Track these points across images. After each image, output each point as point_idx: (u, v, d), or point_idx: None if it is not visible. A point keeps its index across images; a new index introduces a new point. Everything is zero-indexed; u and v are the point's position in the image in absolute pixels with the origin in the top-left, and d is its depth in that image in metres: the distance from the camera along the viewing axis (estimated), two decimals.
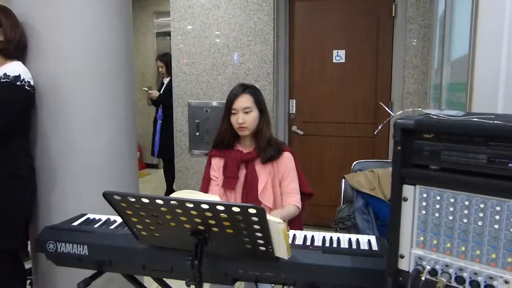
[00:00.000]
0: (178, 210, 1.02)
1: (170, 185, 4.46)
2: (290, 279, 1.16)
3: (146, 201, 1.03)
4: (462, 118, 0.86)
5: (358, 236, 1.34)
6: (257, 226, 1.01)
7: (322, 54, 3.57)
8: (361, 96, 3.52)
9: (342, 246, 1.25)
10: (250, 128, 1.77)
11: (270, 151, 1.77)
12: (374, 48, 3.45)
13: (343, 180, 2.29)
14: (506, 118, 0.86)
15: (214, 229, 1.06)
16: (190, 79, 3.75)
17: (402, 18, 3.30)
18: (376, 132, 2.27)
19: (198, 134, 3.76)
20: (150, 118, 5.38)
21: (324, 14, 3.54)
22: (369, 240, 1.29)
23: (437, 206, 0.87)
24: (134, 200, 1.05)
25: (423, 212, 0.89)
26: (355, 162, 2.41)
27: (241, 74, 3.60)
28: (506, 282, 0.79)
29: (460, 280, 0.85)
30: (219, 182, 1.83)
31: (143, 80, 6.16)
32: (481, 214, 0.81)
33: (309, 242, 1.28)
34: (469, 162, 0.81)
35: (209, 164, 1.88)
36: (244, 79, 3.55)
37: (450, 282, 0.86)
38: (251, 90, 1.80)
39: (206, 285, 1.18)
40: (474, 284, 0.83)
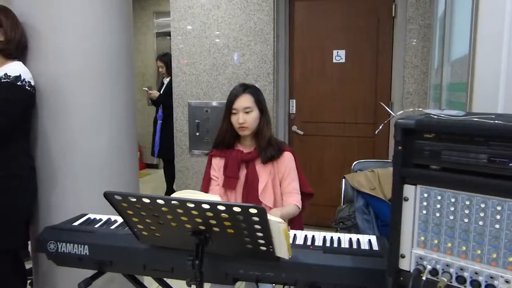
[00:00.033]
0: (179, 210, 1.03)
1: (170, 185, 4.46)
2: (291, 279, 1.16)
3: (147, 201, 1.03)
4: (462, 118, 0.86)
5: (358, 236, 1.33)
6: (258, 226, 1.01)
7: (322, 54, 3.57)
8: (361, 96, 3.52)
9: (343, 246, 1.25)
10: (250, 128, 1.77)
11: (270, 151, 1.77)
12: (374, 48, 3.45)
13: (343, 180, 2.29)
14: (506, 118, 0.86)
15: (215, 229, 1.06)
16: (190, 79, 3.76)
17: (402, 18, 3.30)
18: (377, 132, 2.28)
19: (198, 134, 3.76)
20: (150, 118, 5.38)
21: (324, 14, 3.54)
22: (369, 240, 1.30)
23: (438, 206, 0.87)
24: (135, 200, 1.05)
25: (424, 212, 0.89)
26: (355, 162, 2.41)
27: (241, 74, 3.60)
28: (507, 282, 0.79)
29: (461, 279, 0.85)
30: (220, 182, 1.83)
31: (143, 80, 6.16)
32: (481, 214, 0.82)
33: (309, 242, 1.28)
34: (469, 162, 0.82)
35: (209, 164, 1.88)
36: (244, 79, 3.55)
37: (451, 282, 0.86)
38: (252, 90, 1.80)
39: (206, 285, 1.18)
40: (475, 283, 0.83)
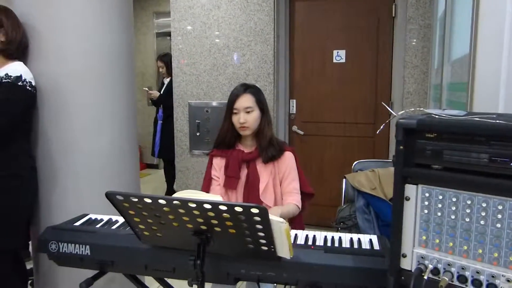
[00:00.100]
0: (181, 210, 1.03)
1: (170, 185, 4.46)
2: (292, 279, 1.16)
3: (149, 201, 1.03)
4: (464, 118, 0.87)
5: (359, 235, 1.34)
6: (259, 226, 1.01)
7: (323, 54, 3.57)
8: (361, 96, 3.52)
9: (344, 245, 1.26)
10: (251, 127, 1.77)
11: (271, 151, 1.77)
12: (375, 48, 3.45)
13: (344, 180, 2.29)
14: (507, 117, 0.86)
15: (217, 229, 1.06)
16: (190, 79, 3.76)
17: (402, 18, 3.30)
18: (378, 132, 2.28)
19: (198, 134, 3.77)
20: (150, 118, 5.38)
21: (324, 14, 3.54)
22: (370, 239, 1.30)
23: (439, 205, 0.87)
24: (136, 200, 1.05)
25: (425, 211, 0.89)
26: (356, 162, 2.41)
27: (241, 74, 3.60)
28: (508, 281, 0.80)
29: (462, 279, 0.85)
30: (221, 182, 1.83)
31: (143, 80, 6.16)
32: (483, 213, 0.82)
33: (311, 242, 1.28)
34: (471, 161, 0.82)
35: (210, 164, 1.88)
36: (244, 79, 3.55)
37: (452, 281, 0.86)
38: (253, 90, 1.80)
39: (208, 285, 1.18)
40: (476, 283, 0.83)
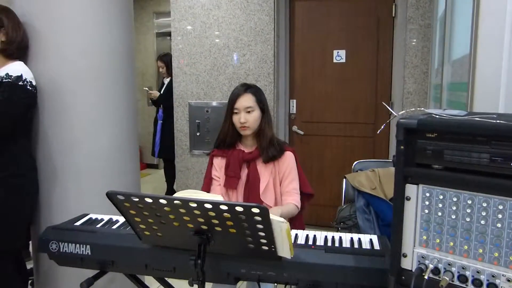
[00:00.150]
0: (182, 210, 1.03)
1: (170, 185, 4.46)
2: (293, 279, 1.16)
3: (150, 200, 1.03)
4: (464, 118, 0.87)
5: (360, 235, 1.34)
6: (260, 226, 1.01)
7: (323, 54, 3.57)
8: (361, 96, 3.52)
9: (344, 245, 1.25)
10: (252, 127, 1.77)
11: (272, 151, 1.77)
12: (375, 48, 3.45)
13: (344, 179, 2.29)
14: (508, 117, 0.86)
15: (217, 228, 1.06)
16: (190, 79, 3.76)
17: (402, 18, 3.31)
18: (378, 131, 2.28)
19: (198, 134, 3.77)
20: (150, 118, 5.38)
21: (324, 14, 3.54)
22: (371, 239, 1.30)
23: (440, 205, 0.87)
24: (137, 200, 1.05)
25: (426, 211, 0.89)
26: (356, 162, 2.41)
27: (241, 74, 3.60)
28: (509, 280, 0.80)
29: (462, 278, 0.85)
30: (221, 182, 1.83)
31: (143, 80, 6.17)
32: (483, 213, 0.82)
33: (311, 242, 1.28)
34: (471, 161, 0.82)
35: (211, 163, 1.88)
36: (244, 79, 3.55)
37: (453, 281, 0.86)
38: (253, 89, 1.80)
39: (208, 284, 1.18)
40: (477, 282, 0.83)
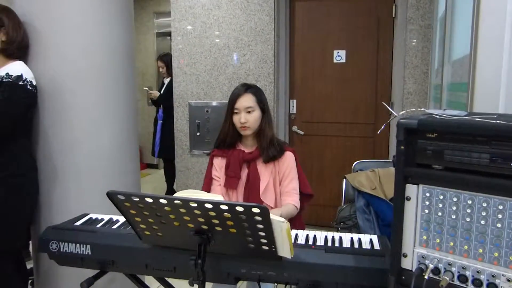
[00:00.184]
0: (182, 210, 1.03)
1: (170, 185, 4.46)
2: (293, 278, 1.16)
3: (150, 200, 1.03)
4: (465, 118, 0.87)
5: (360, 235, 1.34)
6: (260, 226, 1.01)
7: (323, 54, 3.57)
8: (361, 96, 3.53)
9: (344, 245, 1.25)
10: (252, 127, 1.78)
11: (272, 151, 1.78)
12: (375, 48, 3.45)
13: (344, 180, 2.29)
14: (508, 118, 0.87)
15: (218, 228, 1.06)
16: (190, 79, 3.76)
17: (402, 18, 3.31)
18: (379, 132, 2.28)
19: (198, 134, 3.77)
20: (150, 118, 5.39)
21: (324, 14, 3.55)
22: (371, 239, 1.30)
23: (440, 205, 0.87)
24: (138, 199, 1.05)
25: (426, 211, 0.89)
26: (356, 162, 2.41)
27: (241, 74, 3.60)
28: (509, 280, 0.80)
29: (462, 278, 0.85)
30: (221, 182, 1.83)
31: (144, 80, 6.17)
32: (484, 213, 0.82)
33: (311, 242, 1.28)
34: (472, 161, 0.82)
35: (211, 164, 1.88)
36: (244, 79, 3.55)
37: (453, 281, 0.86)
38: (254, 89, 1.80)
39: (208, 284, 1.18)
40: (477, 282, 0.83)
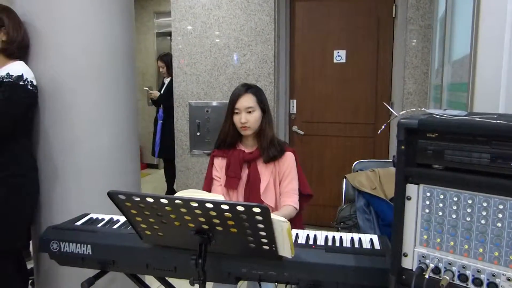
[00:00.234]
0: (183, 209, 1.03)
1: (170, 185, 4.46)
2: (294, 278, 1.16)
3: (151, 200, 1.04)
4: (465, 118, 0.87)
5: (360, 235, 1.34)
6: (261, 225, 1.01)
7: (323, 54, 3.57)
8: (361, 96, 3.53)
9: (345, 245, 1.26)
10: (252, 127, 1.78)
11: (272, 151, 1.78)
12: (375, 48, 3.46)
13: (344, 179, 2.29)
14: (508, 117, 0.87)
15: (218, 228, 1.06)
16: (190, 79, 3.76)
17: (402, 18, 3.31)
18: (379, 132, 2.29)
19: (198, 134, 3.77)
20: (150, 118, 5.39)
21: (324, 14, 3.55)
22: (371, 239, 1.30)
23: (440, 204, 0.87)
24: (138, 199, 1.05)
25: (427, 210, 0.89)
26: (356, 162, 2.41)
27: (242, 74, 3.60)
28: (509, 280, 0.80)
29: (463, 278, 0.85)
30: (222, 182, 1.83)
31: (144, 80, 6.17)
32: (484, 213, 0.82)
33: (311, 241, 1.28)
34: (472, 161, 0.82)
35: (211, 164, 1.88)
36: (245, 79, 3.55)
37: (453, 280, 0.87)
38: (254, 90, 1.81)
39: (209, 284, 1.19)
40: (477, 281, 0.84)
